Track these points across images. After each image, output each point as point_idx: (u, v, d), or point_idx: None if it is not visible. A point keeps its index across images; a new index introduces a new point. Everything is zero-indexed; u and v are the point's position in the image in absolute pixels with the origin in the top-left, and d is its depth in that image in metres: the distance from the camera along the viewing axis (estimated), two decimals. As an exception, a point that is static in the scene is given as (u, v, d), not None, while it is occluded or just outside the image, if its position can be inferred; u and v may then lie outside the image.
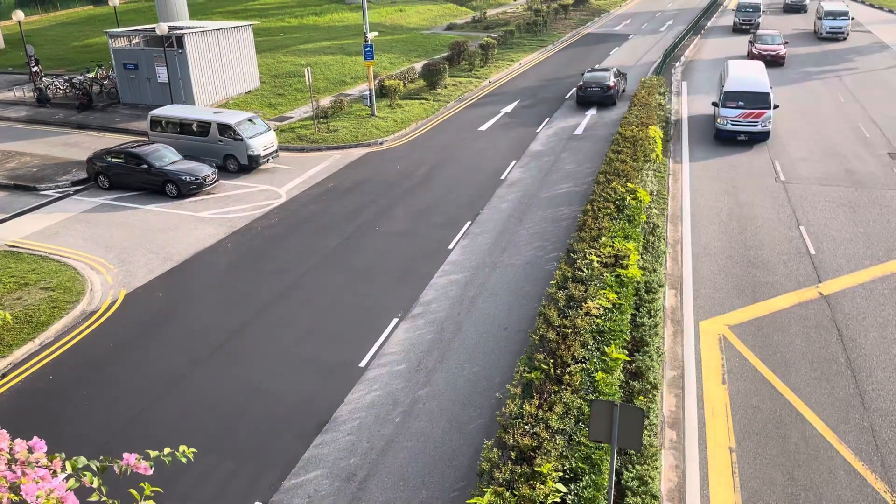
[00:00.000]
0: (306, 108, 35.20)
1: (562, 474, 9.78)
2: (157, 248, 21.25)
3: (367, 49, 33.37)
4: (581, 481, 9.89)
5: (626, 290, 14.62)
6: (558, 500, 9.37)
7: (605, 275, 14.70)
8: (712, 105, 30.09)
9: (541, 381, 11.58)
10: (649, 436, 12.10)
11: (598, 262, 15.24)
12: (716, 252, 20.06)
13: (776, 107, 28.91)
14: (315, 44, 50.79)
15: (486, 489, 9.48)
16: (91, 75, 38.93)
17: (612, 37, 56.05)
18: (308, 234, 21.96)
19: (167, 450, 4.21)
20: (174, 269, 20.02)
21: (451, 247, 20.85)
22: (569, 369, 11.72)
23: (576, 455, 10.23)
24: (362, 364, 15.43)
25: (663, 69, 41.99)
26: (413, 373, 15.10)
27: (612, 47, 51.40)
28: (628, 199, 18.54)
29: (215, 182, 25.72)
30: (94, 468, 3.88)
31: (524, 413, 10.80)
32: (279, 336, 16.62)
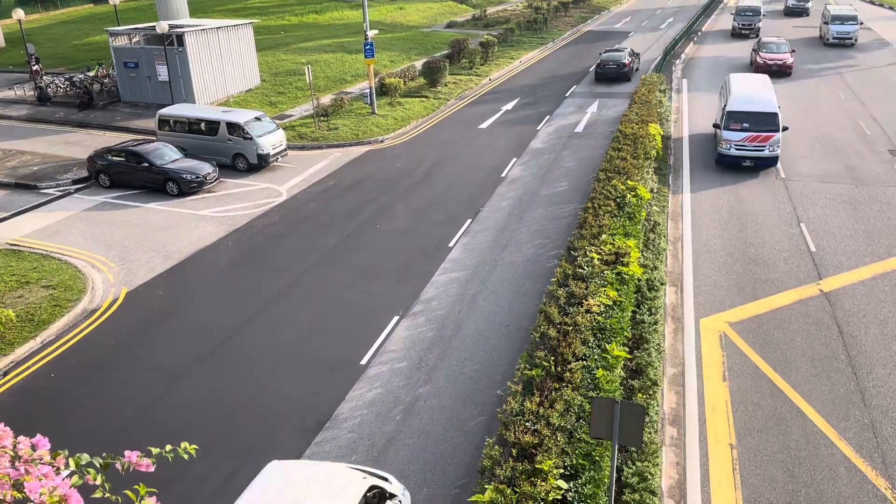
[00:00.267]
0: (307, 107, 35.19)
1: (563, 471, 9.80)
2: (158, 246, 21.27)
3: (368, 47, 33.36)
4: (582, 478, 9.91)
5: (626, 287, 14.64)
6: (559, 497, 9.39)
7: (605, 272, 14.71)
8: (713, 127, 27.18)
9: (542, 379, 11.60)
10: (650, 433, 12.11)
11: (598, 259, 15.25)
12: (716, 249, 20.07)
13: (785, 129, 25.50)
14: (315, 42, 50.78)
15: (487, 486, 9.50)
16: (91, 74, 38.94)
17: (613, 34, 56.00)
18: (309, 232, 21.97)
19: (169, 446, 4.22)
20: (175, 267, 20.04)
21: (451, 245, 20.86)
22: (569, 366, 11.73)
23: (577, 452, 10.25)
24: (363, 362, 15.45)
25: (664, 66, 41.96)
26: (414, 370, 15.12)
27: (613, 45, 51.33)
28: (629, 196, 18.54)
29: (216, 180, 25.73)
30: (98, 465, 3.89)
31: (525, 410, 10.81)
32: (280, 334, 16.64)
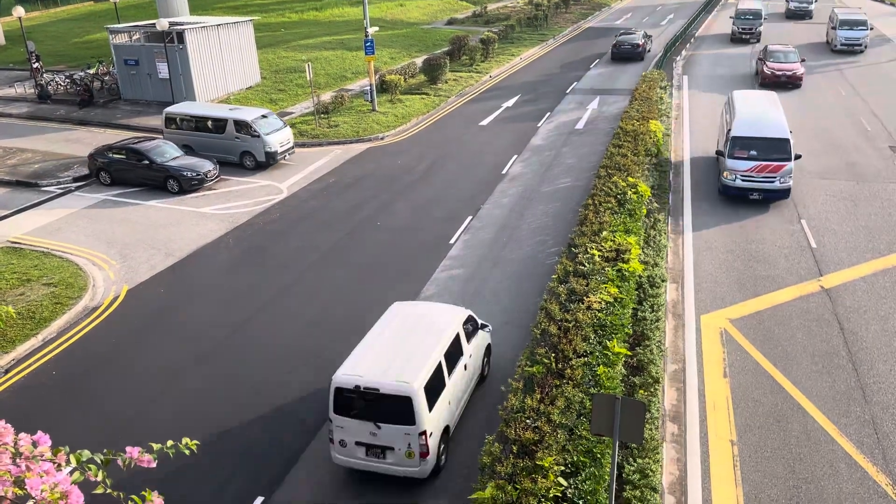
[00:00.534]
0: (307, 104, 35.18)
1: (563, 468, 9.81)
2: (159, 243, 21.28)
3: (368, 44, 33.33)
4: (582, 475, 9.93)
5: (627, 284, 14.64)
6: (560, 494, 9.40)
7: (606, 269, 14.71)
8: (716, 154, 24.20)
9: (542, 376, 11.60)
10: (651, 429, 12.12)
11: (599, 256, 15.25)
12: (717, 246, 20.05)
13: (798, 157, 22.26)
14: (316, 39, 50.74)
15: (488, 483, 9.52)
16: (92, 71, 38.92)
17: (614, 31, 55.85)
18: (309, 230, 21.97)
19: (170, 442, 4.23)
20: (176, 264, 20.06)
21: (452, 242, 20.86)
22: (570, 363, 11.74)
23: (577, 449, 10.27)
24: (364, 359, 15.43)
25: (664, 63, 41.92)
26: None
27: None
28: (629, 193, 18.53)
29: (216, 178, 25.73)
30: (99, 461, 3.90)
31: (526, 407, 10.82)
32: (281, 331, 16.65)
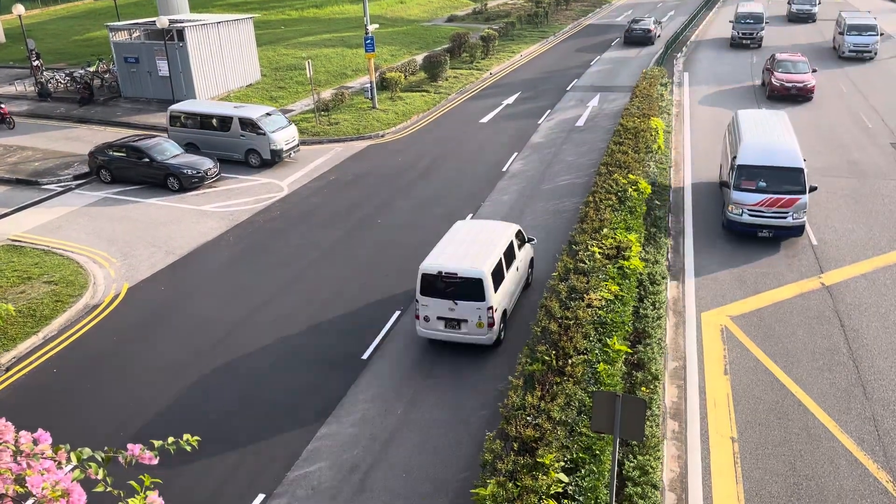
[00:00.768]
0: (307, 101, 35.16)
1: (564, 465, 9.82)
2: (160, 241, 21.29)
3: (368, 41, 33.31)
4: (583, 472, 9.93)
5: (628, 281, 14.64)
6: (560, 491, 9.41)
7: (607, 266, 14.71)
8: (720, 186, 21.45)
9: (543, 373, 11.61)
10: (651, 426, 12.12)
11: (599, 253, 15.25)
12: (717, 241, 20.03)
13: (813, 189, 19.56)
14: (316, 36, 50.70)
15: (488, 480, 9.52)
16: (92, 69, 38.92)
17: (614, 27, 55.86)
18: (310, 227, 21.97)
19: (171, 439, 4.24)
20: (176, 262, 20.06)
21: (452, 239, 20.84)
22: (571, 361, 11.74)
23: (578, 446, 10.27)
24: (365, 356, 15.46)
25: (665, 60, 41.88)
26: (416, 364, 15.13)
27: (614, 38, 51.25)
28: (630, 190, 18.52)
29: (217, 176, 25.72)
30: (99, 459, 3.91)
31: (526, 404, 10.83)
32: (282, 329, 16.66)
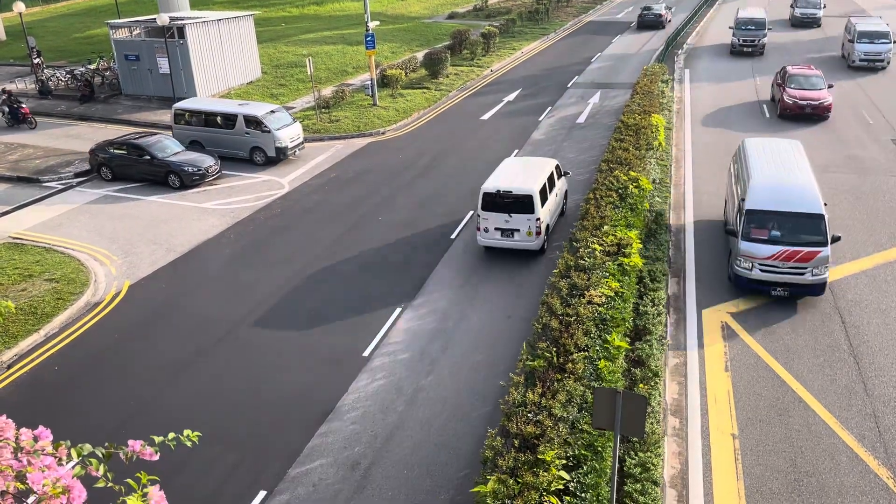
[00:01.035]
0: (308, 99, 35.14)
1: (565, 462, 9.83)
2: (161, 239, 21.30)
3: (369, 38, 33.28)
4: (584, 468, 9.94)
5: (628, 278, 14.64)
6: (561, 488, 9.42)
7: (607, 263, 14.71)
8: (726, 232, 17.85)
9: (544, 370, 11.61)
10: (652, 423, 12.13)
11: (600, 250, 15.24)
12: (718, 238, 20.02)
13: (837, 239, 16.56)
14: (316, 33, 50.66)
15: (489, 477, 9.53)
16: (92, 67, 38.90)
17: (614, 24, 55.80)
18: (310, 225, 21.97)
19: (172, 434, 4.25)
20: (177, 260, 20.07)
21: (453, 237, 20.85)
22: (572, 357, 11.74)
23: (579, 442, 10.28)
24: (366, 353, 15.47)
25: (665, 57, 41.82)
26: (416, 362, 15.14)
27: (615, 35, 51.21)
28: (631, 187, 18.51)
29: (217, 173, 25.72)
30: (100, 455, 3.91)
31: (527, 401, 10.83)
32: (283, 326, 16.67)
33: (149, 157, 25.12)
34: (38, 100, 36.23)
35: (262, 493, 11.86)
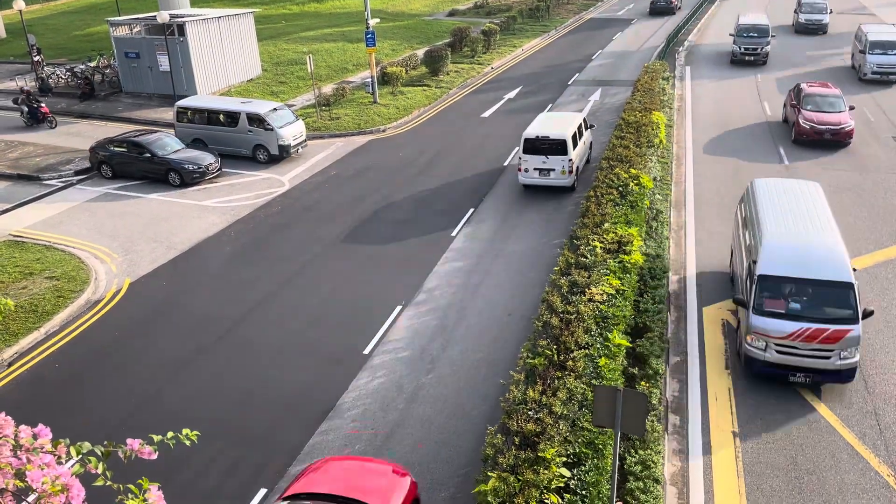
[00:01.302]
0: (308, 96, 35.10)
1: (565, 459, 9.82)
2: (161, 236, 21.29)
3: (369, 36, 33.23)
4: (584, 466, 9.94)
5: (629, 276, 14.62)
6: (562, 485, 9.41)
7: (608, 261, 14.70)
8: (734, 301, 14.86)
9: (544, 367, 11.60)
10: (652, 421, 12.13)
11: (601, 248, 15.23)
12: (719, 236, 20.00)
13: (869, 314, 13.62)
14: (316, 31, 50.61)
15: (490, 474, 9.52)
16: (93, 64, 38.84)
17: (615, 21, 55.70)
18: (311, 223, 21.96)
19: (171, 433, 4.24)
20: (178, 257, 20.06)
21: (454, 234, 20.84)
22: (572, 355, 11.74)
23: (579, 440, 10.27)
24: (366, 351, 15.47)
25: (666, 54, 41.74)
26: (417, 360, 15.13)
27: (616, 32, 51.09)
28: (631, 184, 18.49)
29: (218, 171, 25.70)
30: (99, 453, 3.91)
31: (528, 399, 10.83)
32: (283, 324, 16.66)
33: (149, 155, 25.11)
34: (38, 97, 36.15)
35: (262, 491, 11.86)
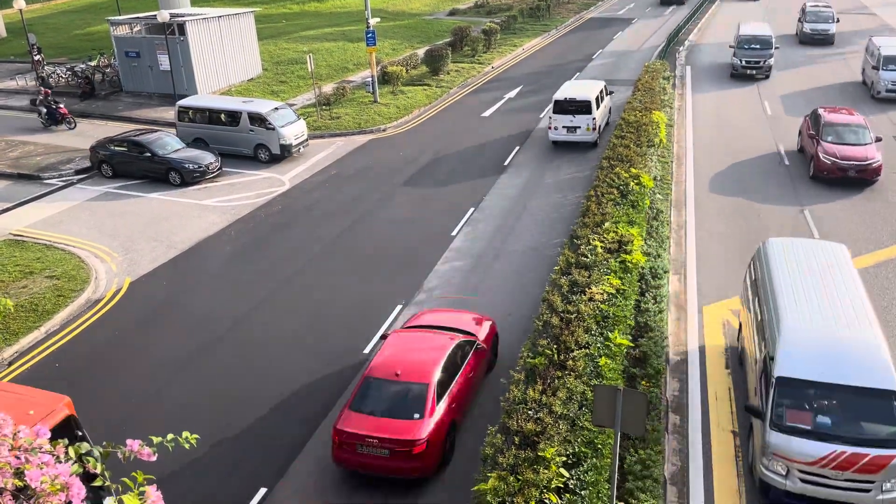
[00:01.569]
0: (309, 96, 35.08)
1: (565, 459, 9.82)
2: (161, 236, 21.29)
3: (370, 35, 33.22)
4: (584, 466, 9.93)
5: (629, 275, 14.62)
6: (562, 485, 9.41)
7: (608, 260, 14.69)
8: (746, 409, 12.09)
9: (544, 367, 11.60)
10: (652, 420, 12.12)
11: (601, 247, 15.22)
12: (719, 235, 20.00)
13: None
14: (317, 30, 50.59)
15: (490, 474, 9.52)
16: (93, 63, 38.84)
17: (616, 21, 55.66)
18: (311, 222, 21.96)
19: (170, 436, 4.23)
20: (178, 257, 20.06)
21: (454, 234, 20.83)
22: (572, 355, 11.73)
23: (579, 440, 10.27)
24: (366, 350, 15.46)
25: (667, 53, 41.71)
26: (417, 359, 15.11)
27: (616, 31, 51.07)
28: (632, 184, 18.48)
29: (218, 170, 25.69)
30: (97, 454, 3.90)
31: (528, 398, 10.82)
32: (284, 323, 16.66)
33: (149, 154, 25.11)
34: (56, 98, 36.14)
35: (262, 490, 11.86)
